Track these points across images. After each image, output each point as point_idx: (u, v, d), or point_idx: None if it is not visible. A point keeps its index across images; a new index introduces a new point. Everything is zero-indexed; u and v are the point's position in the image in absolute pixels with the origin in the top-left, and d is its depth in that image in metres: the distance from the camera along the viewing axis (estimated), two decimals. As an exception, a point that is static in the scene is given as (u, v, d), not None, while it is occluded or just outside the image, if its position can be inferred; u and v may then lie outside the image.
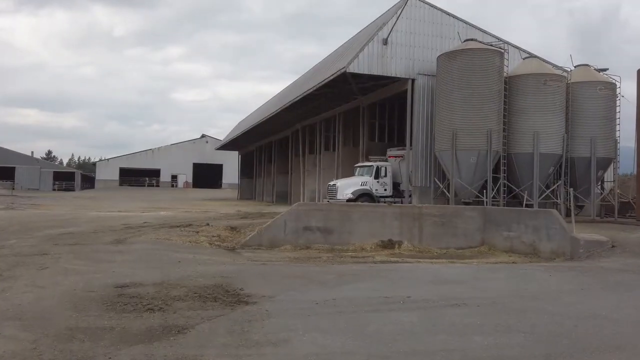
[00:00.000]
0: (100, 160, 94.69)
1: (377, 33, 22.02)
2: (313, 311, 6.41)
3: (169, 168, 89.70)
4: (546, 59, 22.02)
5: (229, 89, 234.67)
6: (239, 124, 60.21)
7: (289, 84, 45.92)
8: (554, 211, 15.83)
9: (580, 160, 21.46)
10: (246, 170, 60.16)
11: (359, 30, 30.85)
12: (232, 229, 17.75)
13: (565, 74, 21.67)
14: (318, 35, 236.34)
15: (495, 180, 20.38)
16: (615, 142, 21.89)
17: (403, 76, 22.40)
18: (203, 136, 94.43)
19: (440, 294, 7.48)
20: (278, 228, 16.15)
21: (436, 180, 21.65)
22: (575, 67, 22.49)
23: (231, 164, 79.68)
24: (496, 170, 20.47)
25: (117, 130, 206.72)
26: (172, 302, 6.90)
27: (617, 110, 21.98)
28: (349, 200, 22.92)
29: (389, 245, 16.71)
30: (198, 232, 16.93)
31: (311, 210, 16.78)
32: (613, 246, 12.78)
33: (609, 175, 23.45)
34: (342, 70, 21.28)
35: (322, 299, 7.04)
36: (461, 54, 20.16)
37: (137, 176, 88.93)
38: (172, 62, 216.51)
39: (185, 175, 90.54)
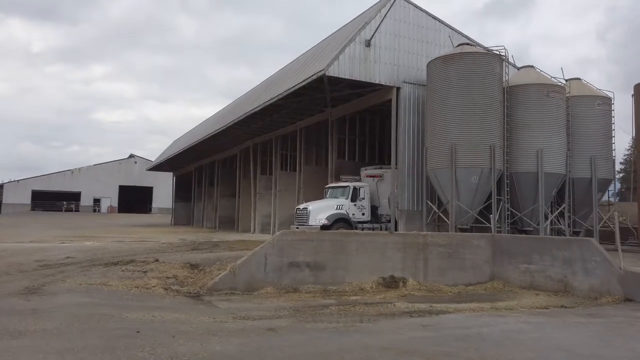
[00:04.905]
0: (9, 181, 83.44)
1: (359, 33, 19.00)
2: None
3: (91, 191, 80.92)
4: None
5: (157, 110, 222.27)
6: (175, 141, 54.92)
7: (220, 107, 41.96)
8: (593, 240, 13.27)
9: (580, 181, 19.48)
10: (182, 193, 54.73)
11: (314, 44, 27.64)
12: (192, 266, 13.50)
13: (564, 85, 19.77)
14: (250, 60, 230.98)
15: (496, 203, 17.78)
16: (613, 162, 20.20)
17: (387, 83, 19.46)
18: (132, 156, 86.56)
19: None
20: (257, 265, 12.27)
21: (429, 202, 18.66)
22: (566, 80, 20.74)
23: (163, 186, 73.10)
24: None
25: (30, 152, 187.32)
26: None
27: (613, 128, 20.42)
28: (323, 226, 19.36)
29: (392, 283, 13.41)
30: (146, 271, 12.57)
31: (299, 241, 13.03)
32: (694, 284, 10.21)
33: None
34: (321, 73, 17.93)
35: None
36: (459, 58, 17.57)
37: (53, 200, 79.12)
38: (95, 81, 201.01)
39: (110, 199, 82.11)
